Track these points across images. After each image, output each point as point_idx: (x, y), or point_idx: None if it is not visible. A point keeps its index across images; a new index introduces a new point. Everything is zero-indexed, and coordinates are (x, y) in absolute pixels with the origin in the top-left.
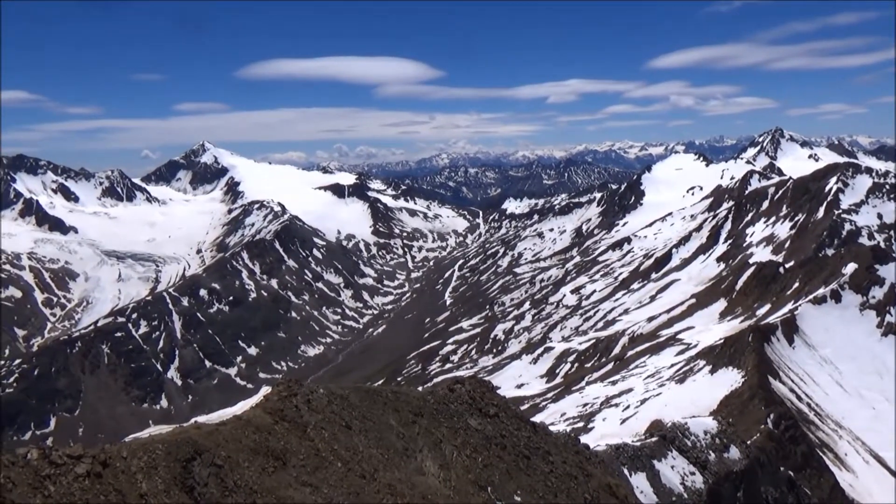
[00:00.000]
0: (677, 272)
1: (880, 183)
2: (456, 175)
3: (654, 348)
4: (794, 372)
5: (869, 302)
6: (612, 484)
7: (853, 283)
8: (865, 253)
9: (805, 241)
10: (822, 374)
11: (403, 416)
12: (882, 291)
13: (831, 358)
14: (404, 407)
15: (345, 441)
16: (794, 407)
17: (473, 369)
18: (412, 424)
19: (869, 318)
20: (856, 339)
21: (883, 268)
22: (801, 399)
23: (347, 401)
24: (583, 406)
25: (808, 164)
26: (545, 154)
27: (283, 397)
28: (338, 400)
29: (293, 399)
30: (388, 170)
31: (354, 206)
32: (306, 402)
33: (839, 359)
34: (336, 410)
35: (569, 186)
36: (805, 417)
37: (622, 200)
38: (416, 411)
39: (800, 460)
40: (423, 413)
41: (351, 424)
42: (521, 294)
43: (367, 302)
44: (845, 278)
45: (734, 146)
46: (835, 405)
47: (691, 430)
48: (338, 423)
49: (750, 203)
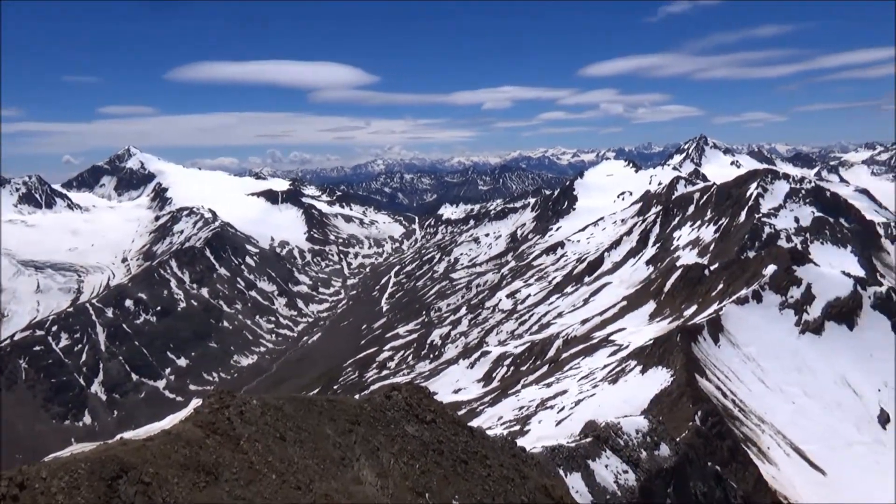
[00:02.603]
0: (609, 275)
1: (797, 188)
2: (392, 181)
3: (587, 350)
4: (719, 370)
5: (788, 301)
6: (548, 485)
7: (773, 283)
8: (784, 255)
9: (728, 243)
10: (745, 371)
11: (340, 424)
12: (800, 291)
13: (754, 356)
14: (340, 415)
15: (279, 453)
16: (720, 403)
17: (410, 375)
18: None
19: (788, 316)
20: (776, 338)
21: (800, 269)
22: (726, 396)
23: (282, 411)
24: (519, 409)
25: (730, 171)
26: (481, 160)
27: (214, 410)
28: (272, 411)
29: (225, 411)
30: (323, 176)
31: (289, 212)
32: (239, 414)
33: (761, 356)
34: (270, 421)
35: (504, 192)
36: (730, 413)
37: (556, 206)
38: (352, 420)
39: (726, 455)
40: (359, 421)
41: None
42: (457, 299)
43: (302, 310)
44: (766, 279)
45: (662, 153)
46: (758, 401)
47: (624, 430)
48: (272, 435)
49: (677, 208)
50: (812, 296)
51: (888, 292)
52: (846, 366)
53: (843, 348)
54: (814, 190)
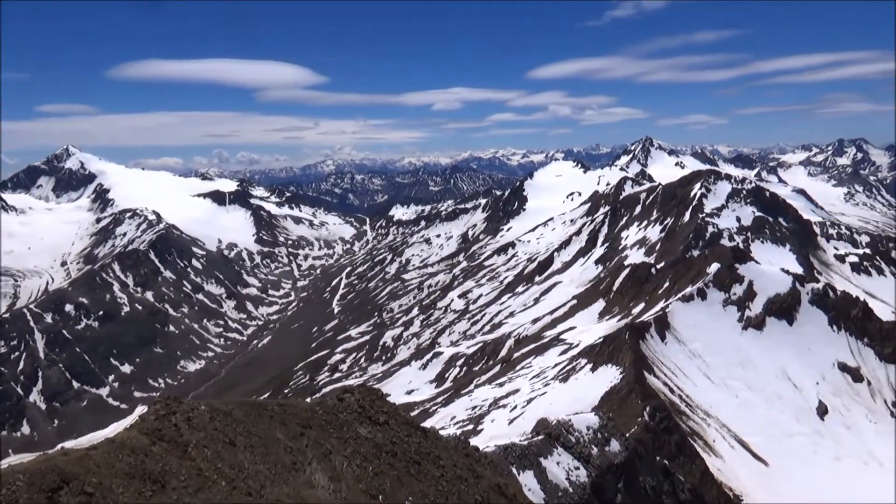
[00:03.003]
0: (559, 275)
1: (738, 189)
2: (342, 182)
3: (538, 349)
4: (666, 366)
5: (731, 299)
6: (501, 483)
7: (717, 281)
8: (727, 253)
9: (674, 243)
10: (691, 367)
11: (291, 428)
12: (742, 288)
13: (699, 352)
14: (292, 419)
15: (229, 458)
16: (667, 399)
17: (363, 377)
18: (300, 437)
19: (731, 313)
20: (721, 334)
21: (742, 267)
22: (673, 391)
23: (231, 416)
24: (472, 409)
25: (675, 171)
26: (431, 161)
27: (160, 416)
28: (221, 416)
29: (172, 417)
30: (271, 176)
31: (236, 213)
32: (186, 420)
33: (706, 352)
34: (219, 427)
35: (455, 193)
36: (677, 409)
37: (506, 206)
38: (304, 423)
39: (674, 449)
40: (311, 425)
41: (235, 441)
42: (409, 300)
43: (252, 313)
44: (710, 277)
45: (609, 154)
46: (703, 396)
47: (575, 427)
48: (221, 441)
49: (624, 208)
50: (753, 293)
51: (825, 288)
52: (786, 360)
53: (783, 343)
54: (754, 190)
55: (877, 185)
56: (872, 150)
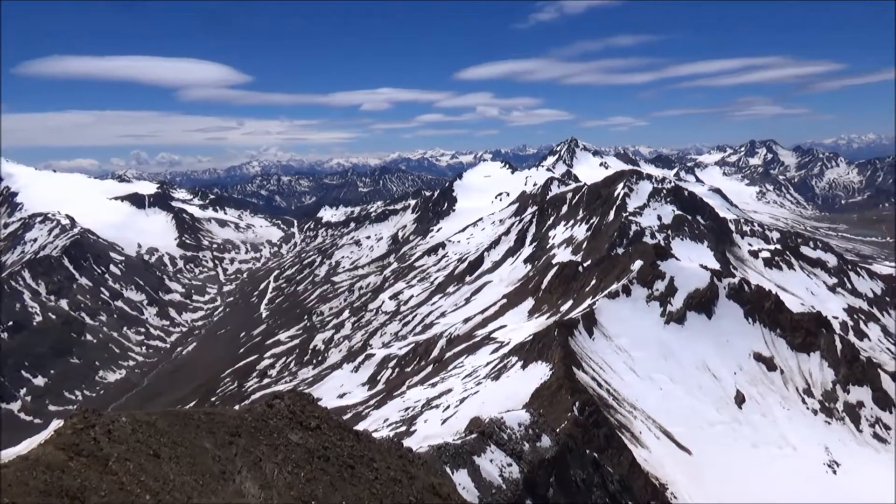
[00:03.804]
0: (489, 274)
1: (659, 188)
2: (268, 183)
3: (470, 348)
4: (594, 361)
5: (654, 294)
6: (435, 484)
7: (640, 278)
8: (649, 251)
9: (599, 241)
10: (618, 361)
11: (219, 437)
12: (664, 284)
13: (625, 346)
14: (220, 428)
15: (153, 471)
16: (595, 393)
17: (293, 382)
18: (229, 445)
19: (654, 308)
20: (645, 329)
21: (664, 264)
22: (601, 386)
23: (155, 427)
24: (405, 410)
25: (599, 172)
26: (360, 162)
27: (78, 430)
28: (143, 427)
29: (90, 431)
30: (194, 178)
31: (157, 217)
32: (106, 433)
33: (632, 347)
34: (142, 439)
35: (384, 194)
36: (605, 402)
37: (436, 207)
38: (232, 431)
39: (602, 442)
40: (240, 432)
41: (160, 452)
42: (339, 303)
43: (175, 319)
44: (633, 274)
45: (536, 154)
46: (630, 389)
47: (507, 424)
48: (144, 453)
49: (551, 208)
50: (675, 288)
51: (740, 283)
52: (706, 352)
53: (703, 336)
54: (673, 190)
55: (786, 184)
56: (781, 151)
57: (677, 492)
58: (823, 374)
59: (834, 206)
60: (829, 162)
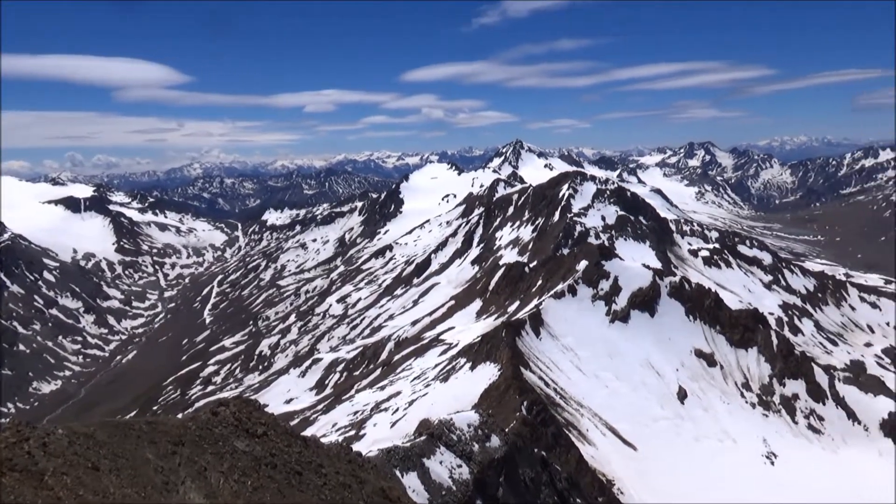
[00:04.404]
0: (437, 276)
1: (602, 189)
2: (211, 186)
3: (419, 351)
4: (542, 361)
5: (599, 294)
6: (385, 487)
7: (585, 277)
8: (594, 251)
9: (545, 242)
10: (564, 360)
11: (162, 447)
12: (608, 284)
13: (572, 345)
14: (162, 437)
15: (92, 484)
16: (543, 393)
17: (239, 389)
18: (172, 455)
19: (599, 307)
20: (590, 327)
21: (608, 263)
22: (548, 385)
23: (93, 439)
24: (353, 414)
25: (544, 173)
26: (305, 164)
27: (10, 444)
28: (81, 439)
29: (24, 444)
30: (132, 181)
31: (93, 221)
32: (41, 447)
33: (578, 346)
34: (80, 451)
35: (330, 196)
36: (553, 401)
37: (383, 209)
38: (175, 441)
39: (550, 440)
40: (183, 442)
41: (99, 465)
42: (286, 307)
43: (114, 327)
44: (579, 274)
45: (482, 156)
46: (576, 387)
47: (456, 425)
48: (82, 466)
49: (498, 209)
50: (619, 287)
51: (681, 281)
52: (649, 349)
53: (646, 333)
54: (616, 191)
55: (723, 185)
56: (719, 153)
57: (623, 487)
58: (760, 369)
59: (769, 206)
60: (764, 163)
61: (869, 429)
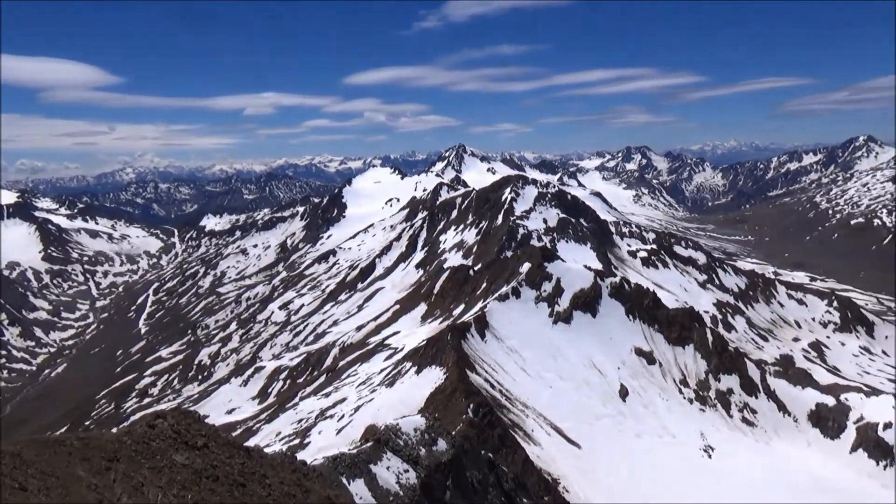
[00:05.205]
0: (381, 280)
1: (544, 192)
2: (145, 191)
3: (364, 356)
4: (487, 363)
5: (542, 295)
6: (331, 496)
7: (529, 279)
8: (536, 253)
9: (489, 245)
10: (509, 362)
11: (95, 463)
12: (551, 285)
13: (516, 347)
14: (95, 454)
15: None
16: (489, 395)
17: (177, 400)
18: (106, 472)
19: (542, 309)
20: (534, 329)
21: (550, 265)
22: (494, 387)
23: (20, 458)
24: (298, 422)
25: (487, 177)
26: (245, 168)
27: None
28: (7, 459)
29: None
30: (60, 186)
31: (17, 228)
32: None
33: (522, 347)
34: (5, 471)
35: (271, 201)
36: (499, 403)
37: (325, 214)
38: (110, 456)
39: (497, 442)
40: (119, 457)
41: (27, 485)
42: (226, 315)
43: (41, 339)
44: (522, 276)
45: (425, 160)
46: (521, 388)
47: (402, 430)
48: (9, 487)
49: (441, 213)
50: (561, 289)
51: (621, 282)
52: (591, 349)
53: (588, 334)
54: (557, 194)
55: (659, 188)
56: (654, 157)
57: (569, 485)
58: (697, 365)
59: (702, 208)
60: (697, 167)
61: (798, 420)
